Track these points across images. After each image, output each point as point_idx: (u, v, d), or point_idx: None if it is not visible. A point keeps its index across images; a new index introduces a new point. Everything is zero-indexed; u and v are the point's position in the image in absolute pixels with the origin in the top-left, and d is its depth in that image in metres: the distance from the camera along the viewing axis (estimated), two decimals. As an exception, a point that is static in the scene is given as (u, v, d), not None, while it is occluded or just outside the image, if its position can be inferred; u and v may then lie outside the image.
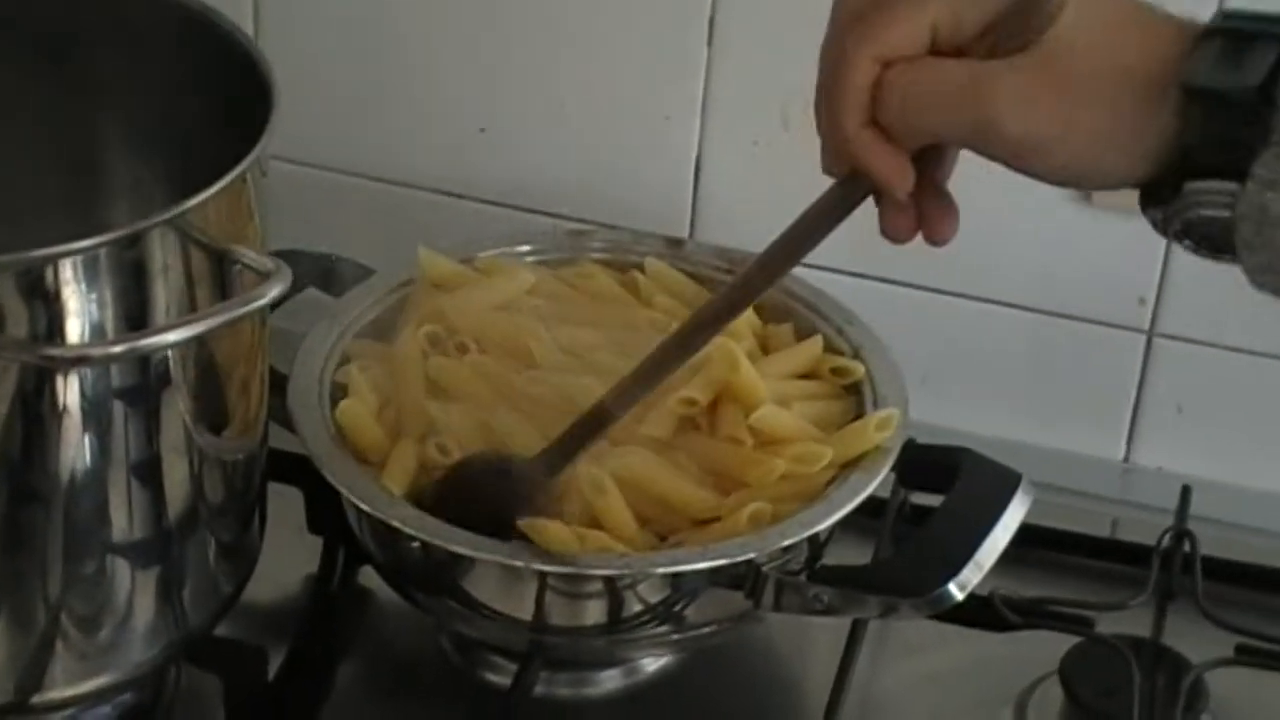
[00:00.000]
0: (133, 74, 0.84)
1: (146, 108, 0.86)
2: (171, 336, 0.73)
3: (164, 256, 0.73)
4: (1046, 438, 1.03)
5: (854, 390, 0.90)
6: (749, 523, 0.82)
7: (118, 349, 0.72)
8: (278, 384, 0.87)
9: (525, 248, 0.95)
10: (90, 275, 0.72)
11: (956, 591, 0.80)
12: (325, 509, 0.90)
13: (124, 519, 0.77)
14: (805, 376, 0.91)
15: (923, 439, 0.89)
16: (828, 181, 1.01)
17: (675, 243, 0.97)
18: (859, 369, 0.90)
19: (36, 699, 0.78)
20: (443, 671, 0.90)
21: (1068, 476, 1.02)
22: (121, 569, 0.78)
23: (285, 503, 0.91)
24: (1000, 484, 0.84)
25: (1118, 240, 0.99)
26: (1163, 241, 0.98)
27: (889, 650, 0.91)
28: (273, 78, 0.79)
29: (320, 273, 0.94)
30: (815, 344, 0.91)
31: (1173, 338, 1.01)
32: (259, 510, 0.85)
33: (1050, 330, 1.02)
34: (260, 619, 0.90)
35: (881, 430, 0.86)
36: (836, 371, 0.91)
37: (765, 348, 0.91)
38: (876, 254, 1.01)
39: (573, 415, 0.84)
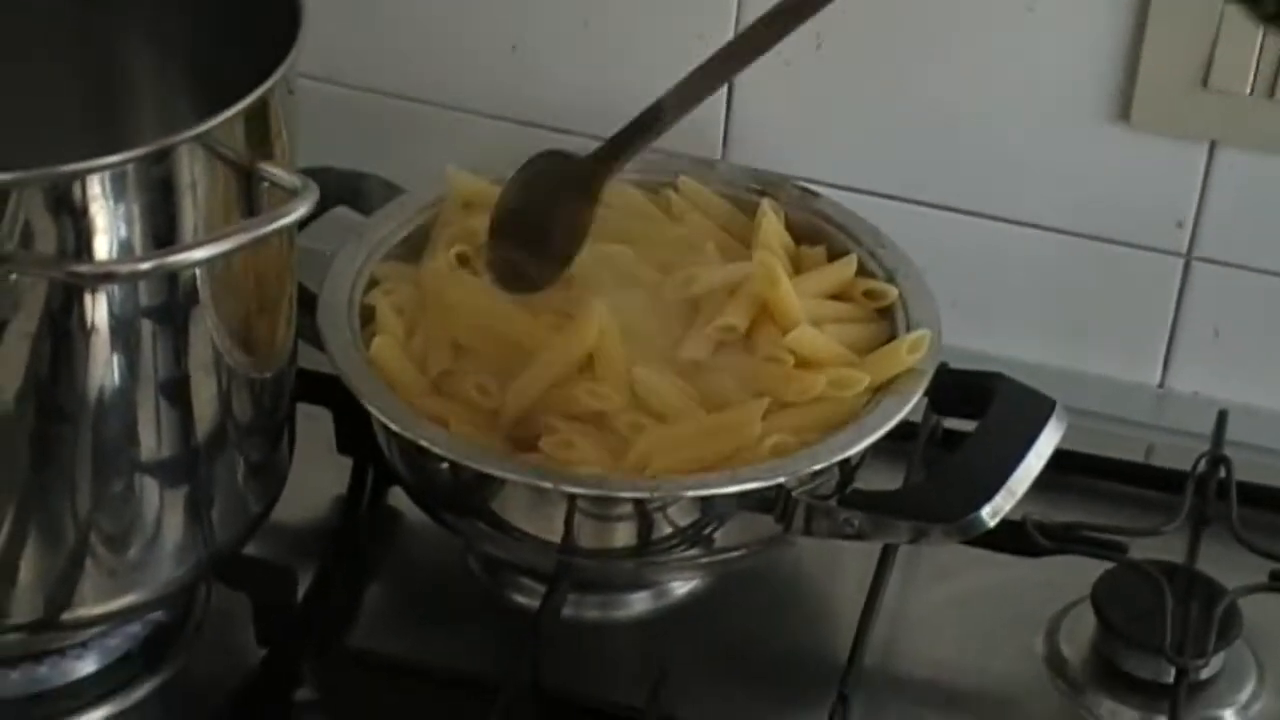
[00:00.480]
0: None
1: (174, 26, 0.85)
2: (198, 254, 0.72)
3: (192, 173, 0.73)
4: (1081, 362, 1.03)
5: (886, 314, 0.90)
6: (771, 453, 0.82)
7: (145, 266, 0.72)
8: (307, 303, 0.87)
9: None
10: (118, 192, 0.71)
11: (988, 518, 0.80)
12: (355, 429, 0.90)
13: (152, 437, 0.77)
14: (838, 298, 0.90)
15: (954, 363, 0.88)
16: (862, 103, 1.01)
17: (706, 164, 0.96)
18: (892, 292, 0.90)
19: (66, 615, 0.78)
20: (471, 593, 0.90)
21: (1102, 402, 1.01)
22: (150, 487, 0.78)
23: (315, 423, 0.91)
24: (1034, 410, 0.83)
25: (1156, 162, 0.98)
26: (1202, 163, 0.99)
27: (920, 574, 0.91)
28: (301, -7, 0.78)
29: (349, 190, 0.94)
30: (849, 264, 0.91)
31: (1211, 261, 1.00)
32: (288, 430, 0.85)
33: (1086, 253, 1.01)
34: (289, 539, 0.90)
35: (914, 352, 0.86)
36: (869, 294, 0.90)
37: (798, 269, 0.91)
38: (909, 176, 1.02)
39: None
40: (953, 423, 0.92)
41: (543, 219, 0.85)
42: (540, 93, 1.04)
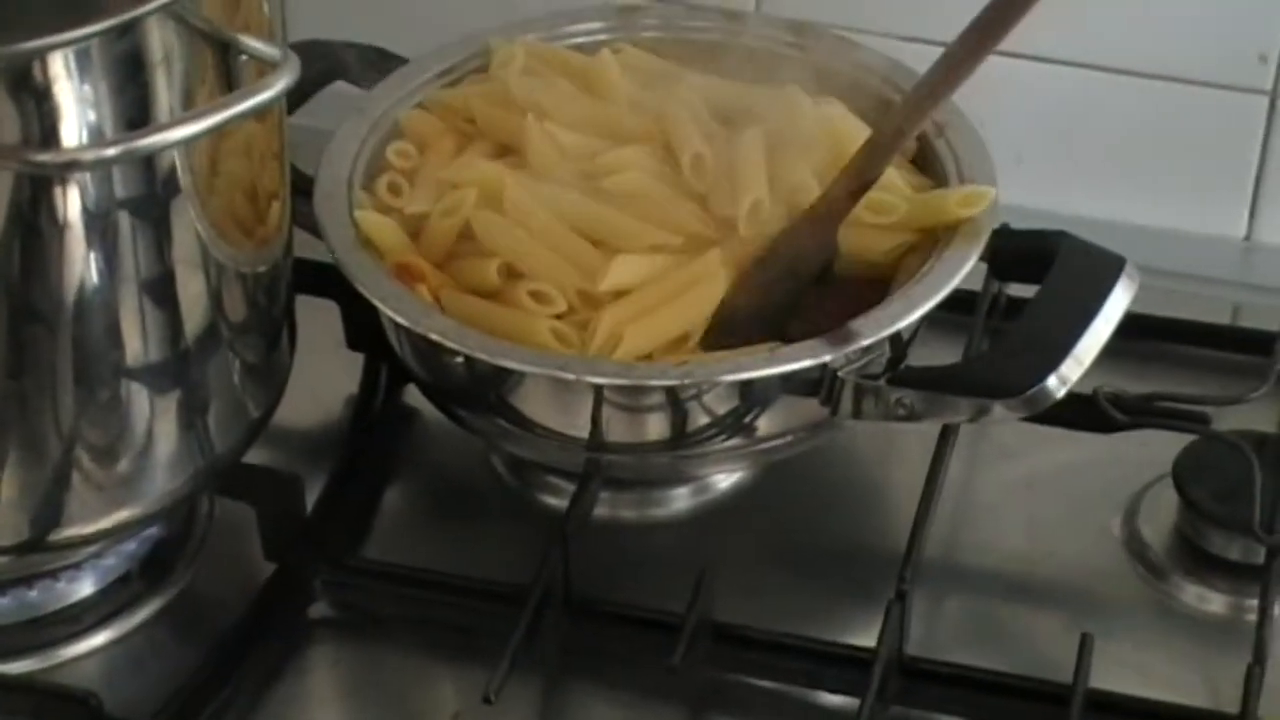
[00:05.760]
0: None
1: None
2: (170, 135, 0.71)
3: (163, 49, 0.72)
4: (1159, 217, 1.01)
5: (936, 174, 0.88)
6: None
7: (111, 152, 0.70)
8: (303, 187, 0.86)
9: (571, 28, 0.93)
10: (82, 71, 0.70)
11: (1055, 389, 0.79)
12: (364, 323, 0.89)
13: (137, 340, 0.76)
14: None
15: (1020, 224, 0.87)
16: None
17: (737, 16, 0.94)
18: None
19: (54, 536, 0.78)
20: (496, 496, 0.89)
21: (1184, 259, 1.00)
22: (138, 394, 0.77)
23: (323, 315, 0.90)
24: (1102, 270, 0.82)
25: (1232, -8, 0.96)
26: (1283, -8, 0.96)
27: (984, 457, 0.90)
28: None
29: (344, 64, 0.92)
30: None
31: (1299, 98, 0.98)
32: (287, 327, 0.85)
33: (1159, 96, 0.99)
34: (297, 444, 0.90)
35: (964, 206, 0.84)
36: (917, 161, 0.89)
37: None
38: (960, 20, 0.99)
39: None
40: (1018, 290, 0.91)
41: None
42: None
